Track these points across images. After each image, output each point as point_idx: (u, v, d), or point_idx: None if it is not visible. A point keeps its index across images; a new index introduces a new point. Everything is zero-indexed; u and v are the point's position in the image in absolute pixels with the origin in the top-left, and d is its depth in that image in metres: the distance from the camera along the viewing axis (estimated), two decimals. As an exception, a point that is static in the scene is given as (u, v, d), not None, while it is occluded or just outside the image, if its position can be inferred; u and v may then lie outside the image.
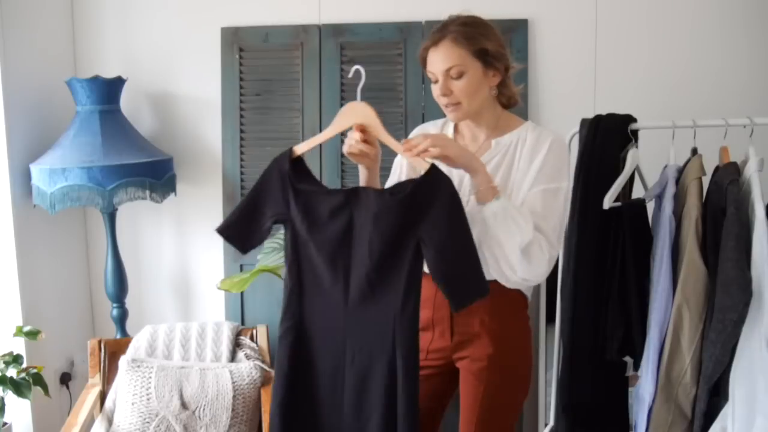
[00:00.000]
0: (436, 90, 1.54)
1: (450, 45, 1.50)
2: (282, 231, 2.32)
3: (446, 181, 1.38)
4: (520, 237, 1.41)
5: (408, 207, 1.37)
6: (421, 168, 1.40)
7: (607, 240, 1.96)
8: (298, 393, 1.46)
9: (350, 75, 1.54)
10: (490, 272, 1.48)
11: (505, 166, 1.54)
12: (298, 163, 1.47)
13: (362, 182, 1.55)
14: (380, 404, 1.40)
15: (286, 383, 1.45)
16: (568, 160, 1.56)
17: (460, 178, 1.55)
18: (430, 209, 1.37)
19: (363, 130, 1.45)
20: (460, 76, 1.50)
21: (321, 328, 1.45)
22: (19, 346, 2.17)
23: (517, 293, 1.59)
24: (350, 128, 1.48)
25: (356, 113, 1.45)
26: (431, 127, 1.68)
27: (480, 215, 1.45)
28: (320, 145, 2.51)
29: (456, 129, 1.65)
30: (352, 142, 1.46)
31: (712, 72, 2.49)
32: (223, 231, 1.50)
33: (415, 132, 1.71)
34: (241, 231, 1.49)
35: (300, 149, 1.48)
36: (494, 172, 1.54)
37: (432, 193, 1.37)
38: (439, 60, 1.50)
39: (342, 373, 1.44)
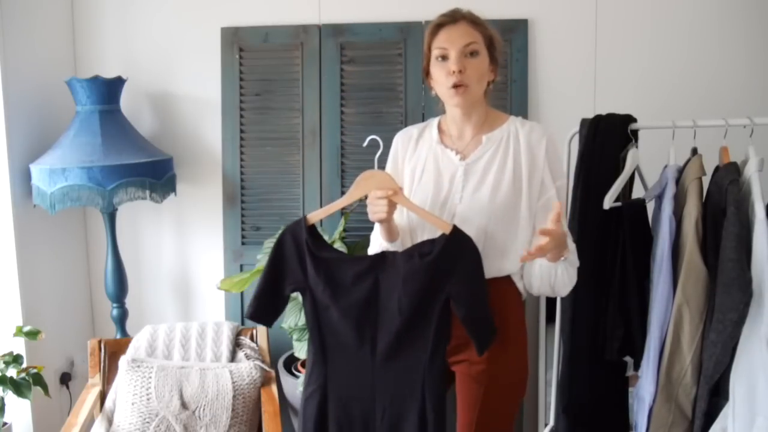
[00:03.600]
0: (443, 68, 1.51)
1: (469, 24, 1.53)
2: (279, 231, 2.34)
3: (468, 239, 1.45)
4: (575, 275, 1.54)
5: (436, 268, 1.44)
6: (444, 229, 1.46)
7: (607, 240, 1.96)
8: None
9: (365, 144, 1.58)
10: (533, 291, 1.58)
11: (498, 161, 1.55)
12: (313, 230, 1.52)
13: (384, 234, 1.58)
14: None
15: None
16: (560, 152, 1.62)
17: (451, 175, 1.57)
18: (457, 267, 1.44)
19: (389, 196, 1.49)
20: (474, 54, 1.51)
21: (348, 386, 1.52)
22: (19, 346, 2.17)
23: (514, 291, 1.59)
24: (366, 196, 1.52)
25: (375, 181, 1.49)
26: (414, 130, 1.67)
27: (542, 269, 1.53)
28: (320, 146, 2.56)
29: (440, 128, 1.65)
30: (386, 209, 1.49)
31: (712, 72, 2.49)
32: (254, 317, 1.55)
33: (398, 136, 1.68)
34: (267, 310, 1.55)
35: (314, 217, 1.52)
36: (487, 167, 1.55)
37: (457, 251, 1.44)
38: (459, 35, 1.51)
39: (373, 425, 1.51)
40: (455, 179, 1.56)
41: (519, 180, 1.54)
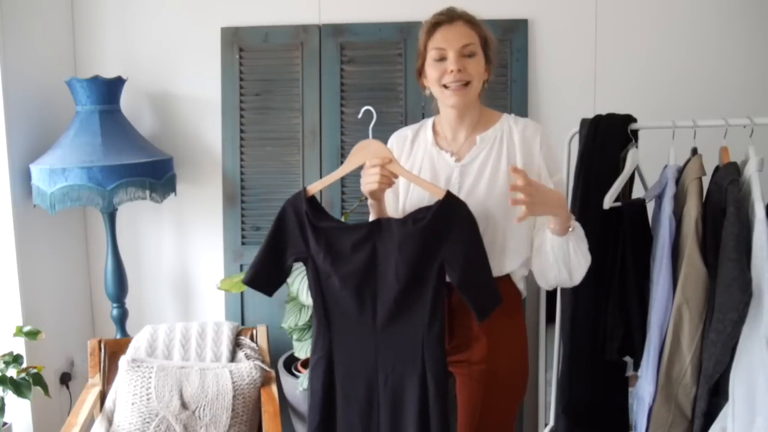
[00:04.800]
0: (440, 67, 1.51)
1: (465, 24, 1.53)
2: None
3: (462, 204, 1.46)
4: (588, 254, 1.53)
5: (430, 233, 1.46)
6: (438, 194, 1.47)
7: (607, 240, 1.96)
8: (333, 417, 1.55)
9: (360, 116, 1.60)
10: (551, 281, 1.55)
11: (493, 161, 1.55)
12: (313, 201, 1.54)
13: (376, 213, 1.58)
14: (415, 419, 1.48)
15: (321, 410, 1.55)
16: (554, 146, 1.61)
17: (447, 177, 1.57)
18: (450, 232, 1.45)
19: (384, 164, 1.49)
20: (472, 55, 1.51)
21: (352, 354, 1.53)
22: (19, 346, 2.17)
23: (514, 291, 1.59)
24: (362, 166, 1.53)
25: (371, 151, 1.50)
26: (408, 132, 1.67)
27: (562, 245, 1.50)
28: (320, 146, 2.56)
29: (434, 129, 1.64)
30: (377, 179, 1.48)
31: (712, 72, 2.49)
32: (251, 283, 1.56)
33: (392, 138, 1.68)
34: (267, 278, 1.56)
35: (313, 189, 1.55)
36: (482, 167, 1.55)
37: (450, 217, 1.45)
38: (456, 36, 1.51)
39: (377, 392, 1.53)
40: (451, 181, 1.56)
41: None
